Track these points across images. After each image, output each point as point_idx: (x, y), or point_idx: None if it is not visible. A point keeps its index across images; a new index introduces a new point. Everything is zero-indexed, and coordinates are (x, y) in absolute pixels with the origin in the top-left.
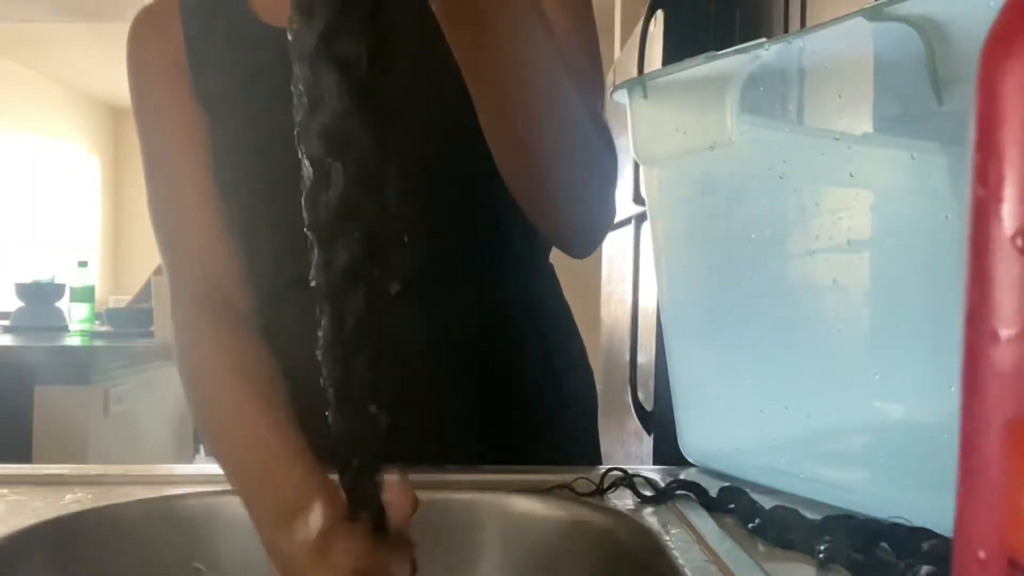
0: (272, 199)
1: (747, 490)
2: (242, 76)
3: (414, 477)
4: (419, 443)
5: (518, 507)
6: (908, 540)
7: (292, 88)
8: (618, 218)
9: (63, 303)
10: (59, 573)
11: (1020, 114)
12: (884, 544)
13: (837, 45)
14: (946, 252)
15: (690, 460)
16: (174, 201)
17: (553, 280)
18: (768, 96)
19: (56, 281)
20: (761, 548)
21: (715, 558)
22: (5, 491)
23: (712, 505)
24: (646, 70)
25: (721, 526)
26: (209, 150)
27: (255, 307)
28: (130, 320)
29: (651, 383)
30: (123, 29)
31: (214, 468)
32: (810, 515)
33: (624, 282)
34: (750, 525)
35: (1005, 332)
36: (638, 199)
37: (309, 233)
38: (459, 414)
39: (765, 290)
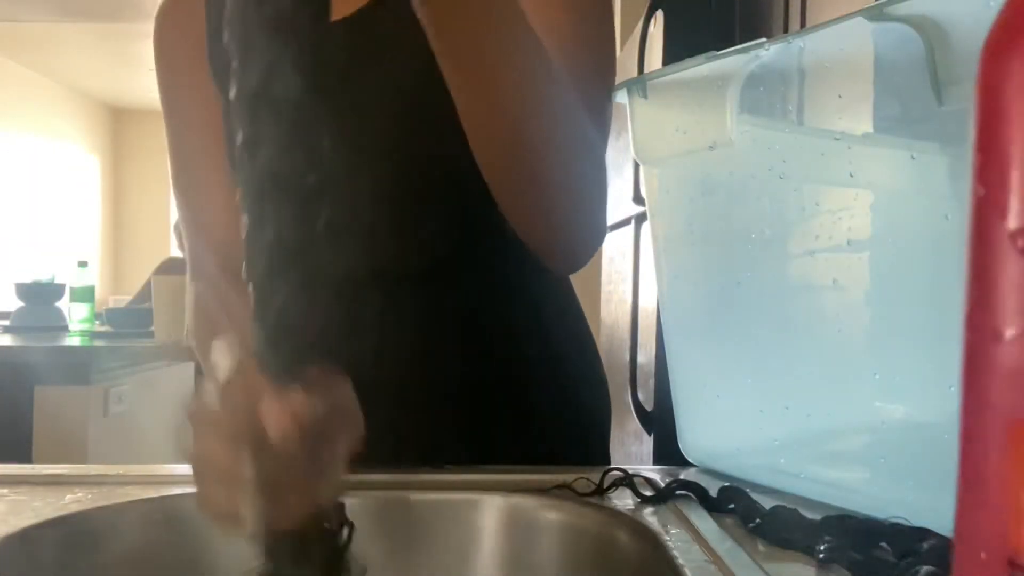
0: None
1: (747, 490)
2: None
3: (415, 477)
4: (418, 443)
5: (518, 507)
6: (908, 540)
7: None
8: (618, 218)
9: (63, 303)
10: (59, 573)
11: (1020, 114)
12: (884, 544)
13: (837, 45)
14: (946, 252)
15: (690, 460)
16: (193, 178)
17: (557, 281)
18: (768, 96)
19: (56, 281)
20: (761, 548)
21: (715, 558)
22: (5, 491)
23: (712, 505)
24: (646, 70)
25: (721, 526)
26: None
27: None
28: (130, 320)
29: (651, 383)
30: (123, 29)
31: None
32: (810, 515)
33: (624, 282)
34: (750, 525)
35: (1005, 332)
36: (638, 199)
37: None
38: (455, 414)
39: (765, 290)
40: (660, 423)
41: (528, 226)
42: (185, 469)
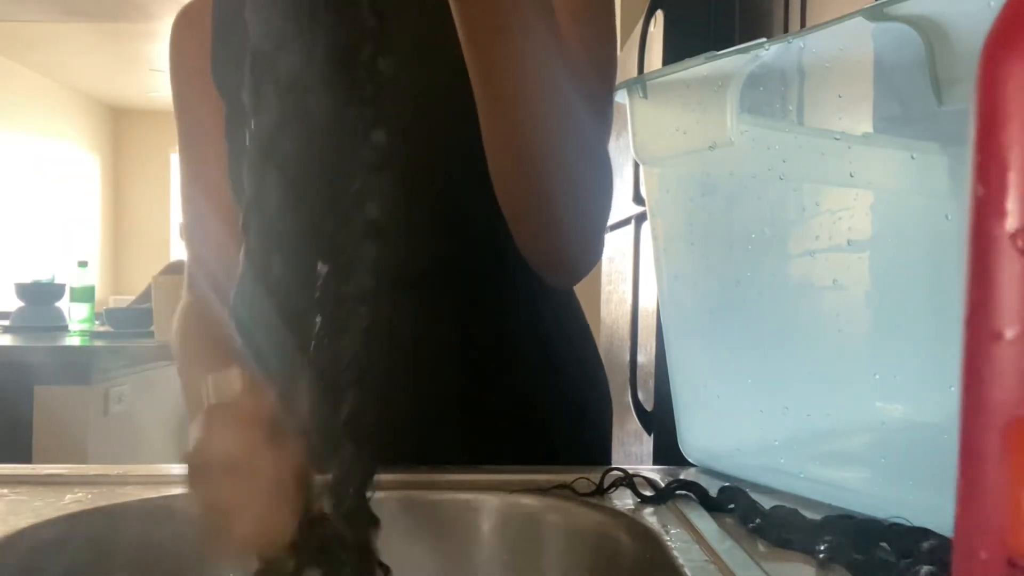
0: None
1: (747, 490)
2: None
3: (414, 477)
4: (415, 444)
5: (518, 507)
6: (908, 540)
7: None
8: (618, 218)
9: (63, 303)
10: (59, 573)
11: (1020, 114)
12: (884, 544)
13: (837, 45)
14: (946, 252)
15: (690, 460)
16: (199, 186)
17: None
18: (768, 96)
19: (56, 281)
20: (761, 548)
21: (715, 558)
22: (5, 491)
23: (712, 505)
24: (646, 70)
25: (721, 526)
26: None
27: None
28: (130, 320)
29: (651, 383)
30: (123, 29)
31: None
32: (810, 515)
33: (624, 282)
34: (750, 525)
35: (1005, 332)
36: (638, 199)
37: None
38: (454, 414)
39: (765, 290)
40: (660, 423)
41: (531, 234)
42: (184, 469)
